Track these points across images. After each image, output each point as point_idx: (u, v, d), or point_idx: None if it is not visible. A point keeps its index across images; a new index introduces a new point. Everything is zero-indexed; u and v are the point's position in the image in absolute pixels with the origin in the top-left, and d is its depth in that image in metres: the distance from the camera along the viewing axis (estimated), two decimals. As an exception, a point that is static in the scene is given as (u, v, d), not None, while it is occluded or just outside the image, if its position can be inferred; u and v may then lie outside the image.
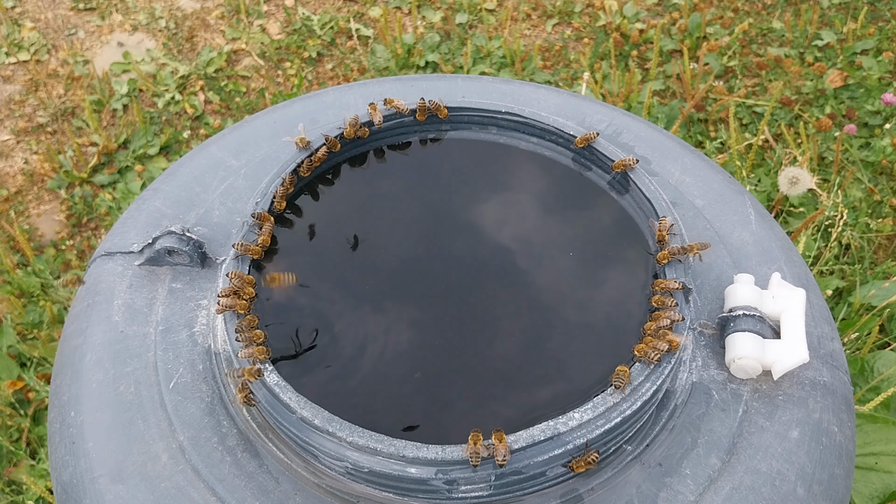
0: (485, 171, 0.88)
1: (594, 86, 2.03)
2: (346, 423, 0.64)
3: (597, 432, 0.65)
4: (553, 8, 2.37)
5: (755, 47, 2.21)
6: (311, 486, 0.69)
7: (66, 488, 0.73)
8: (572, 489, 0.68)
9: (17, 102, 2.17)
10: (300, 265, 0.80)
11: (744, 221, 0.88)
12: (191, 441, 0.71)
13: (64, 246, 1.85)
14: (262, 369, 0.67)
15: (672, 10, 2.33)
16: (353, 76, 2.21)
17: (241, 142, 0.96)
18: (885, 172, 1.86)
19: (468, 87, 1.01)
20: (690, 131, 1.98)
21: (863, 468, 1.13)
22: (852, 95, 2.02)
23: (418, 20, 2.34)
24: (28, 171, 2.01)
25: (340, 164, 0.88)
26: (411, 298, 0.78)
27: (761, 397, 0.74)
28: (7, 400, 1.52)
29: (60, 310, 1.69)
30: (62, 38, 2.33)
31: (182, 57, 2.28)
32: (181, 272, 0.82)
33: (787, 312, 0.75)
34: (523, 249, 0.82)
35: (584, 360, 0.74)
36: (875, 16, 2.24)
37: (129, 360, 0.77)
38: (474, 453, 0.62)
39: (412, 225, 0.85)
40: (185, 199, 0.89)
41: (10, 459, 1.48)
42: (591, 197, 0.86)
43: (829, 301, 1.59)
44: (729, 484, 0.69)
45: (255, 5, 2.41)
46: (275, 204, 0.81)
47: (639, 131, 0.97)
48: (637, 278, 0.79)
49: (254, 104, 2.15)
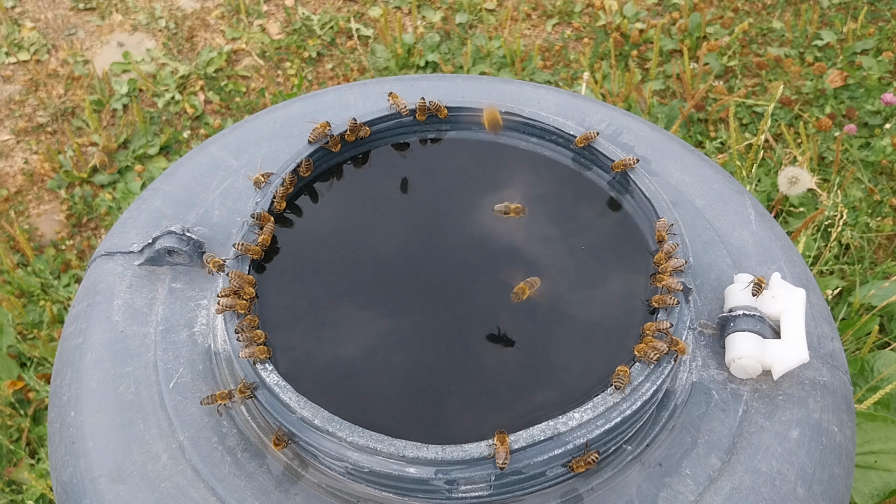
0: (485, 171, 0.88)
1: (594, 86, 2.03)
2: (346, 423, 0.64)
3: (597, 432, 0.65)
4: (553, 8, 2.37)
5: (755, 47, 2.21)
6: (311, 486, 0.69)
7: (66, 488, 0.73)
8: (572, 489, 0.68)
9: (17, 102, 2.17)
10: (301, 265, 0.80)
11: (744, 221, 0.88)
12: (191, 441, 0.71)
13: (64, 246, 1.85)
14: (255, 385, 0.67)
15: (672, 10, 2.33)
16: (353, 76, 2.21)
17: (241, 142, 0.96)
18: (885, 172, 1.86)
19: (468, 87, 1.01)
20: (690, 131, 1.98)
21: (862, 466, 1.13)
22: (852, 95, 2.02)
23: (418, 20, 2.34)
24: (28, 171, 2.01)
25: (341, 163, 0.88)
26: (410, 298, 0.78)
27: (761, 397, 0.74)
28: (7, 400, 1.53)
29: (60, 310, 1.69)
30: (62, 38, 2.33)
31: (182, 57, 2.28)
32: (181, 272, 0.82)
33: (787, 312, 0.75)
34: (524, 249, 0.82)
35: (585, 360, 0.74)
36: (875, 16, 2.24)
37: (129, 360, 0.77)
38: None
39: (412, 225, 0.85)
40: (185, 199, 0.89)
41: (10, 459, 1.48)
42: (590, 197, 0.85)
43: (829, 301, 1.59)
44: (729, 484, 0.69)
45: (255, 5, 2.41)
46: (275, 204, 0.81)
47: (639, 131, 0.97)
48: (637, 278, 0.78)
49: (254, 104, 2.15)
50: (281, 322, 0.74)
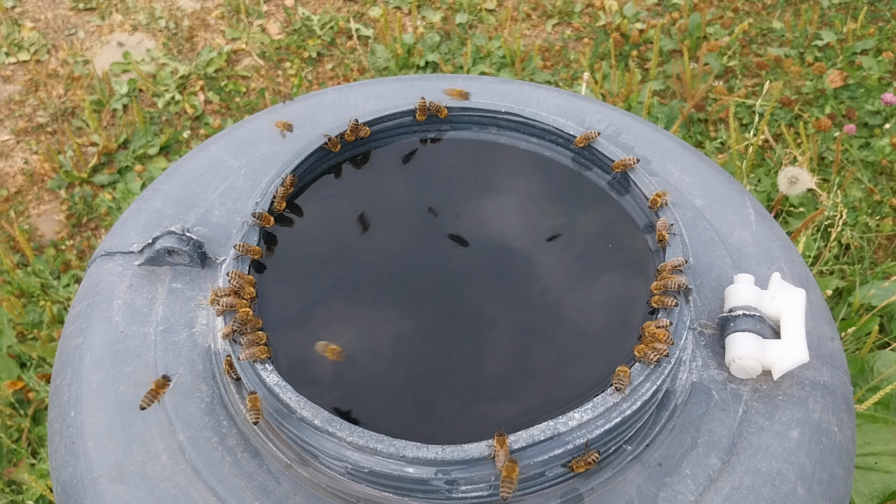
0: (485, 171, 0.88)
1: (594, 86, 2.03)
2: (345, 423, 0.64)
3: (597, 432, 0.65)
4: (553, 8, 2.37)
5: (755, 47, 2.21)
6: (311, 486, 0.69)
7: (66, 488, 0.73)
8: (572, 489, 0.68)
9: (17, 102, 2.17)
10: (301, 264, 0.80)
11: (744, 221, 0.88)
12: (191, 441, 0.71)
13: (64, 246, 1.85)
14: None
15: (672, 10, 2.33)
16: (353, 76, 2.21)
17: (241, 142, 0.96)
18: (885, 172, 1.86)
19: (468, 87, 1.01)
20: (690, 131, 1.98)
21: (863, 468, 1.13)
22: (852, 95, 2.02)
23: (418, 20, 2.34)
24: (28, 171, 2.01)
25: (341, 163, 0.88)
26: (410, 298, 0.78)
27: (761, 397, 0.74)
28: (7, 400, 1.52)
29: (60, 310, 1.69)
30: (62, 38, 2.33)
31: (182, 57, 2.28)
32: (181, 272, 0.82)
33: (787, 312, 0.75)
34: (524, 249, 0.82)
35: (585, 360, 0.74)
36: (875, 16, 2.24)
37: (129, 360, 0.77)
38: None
39: (412, 225, 0.85)
40: (185, 199, 0.89)
41: (10, 459, 1.48)
42: (590, 197, 0.85)
43: (829, 301, 1.59)
44: (729, 484, 0.69)
45: (255, 5, 2.41)
46: (275, 204, 0.81)
47: (639, 131, 0.97)
48: (637, 278, 0.78)
49: (254, 104, 2.14)
50: (281, 322, 0.74)
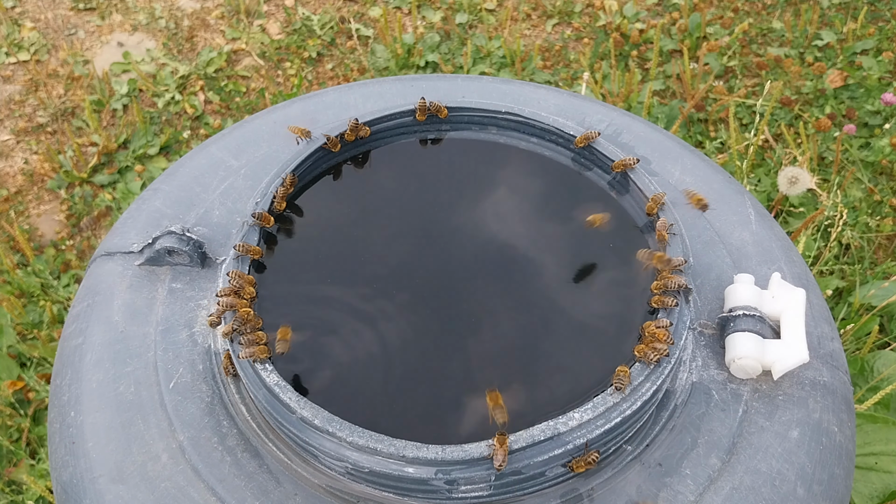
0: (485, 171, 0.88)
1: (594, 86, 2.03)
2: (346, 423, 0.64)
3: (597, 432, 0.65)
4: (553, 8, 2.37)
5: (755, 47, 2.21)
6: (311, 486, 0.69)
7: (66, 488, 0.73)
8: (572, 489, 0.68)
9: (17, 102, 2.17)
10: (302, 264, 0.80)
11: (744, 221, 0.88)
12: (191, 441, 0.71)
13: (64, 246, 1.85)
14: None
15: (672, 10, 2.33)
16: (353, 76, 2.21)
17: (241, 142, 0.96)
18: (885, 172, 1.86)
19: (468, 87, 1.01)
20: (690, 131, 1.97)
21: (863, 468, 1.13)
22: (852, 95, 2.02)
23: (418, 20, 2.34)
24: (28, 171, 2.01)
25: (341, 163, 0.88)
26: (411, 298, 0.78)
27: (761, 397, 0.74)
28: (7, 400, 1.52)
29: (60, 310, 1.69)
30: (62, 38, 2.33)
31: (182, 57, 2.28)
32: (181, 272, 0.82)
33: (787, 312, 0.75)
34: (524, 249, 0.82)
35: (585, 360, 0.74)
36: (875, 16, 2.24)
37: (129, 360, 0.77)
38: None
39: (412, 225, 0.85)
40: (185, 199, 0.89)
41: (10, 459, 1.48)
42: (590, 197, 0.85)
43: (829, 301, 1.59)
44: (729, 484, 0.69)
45: (255, 5, 2.41)
46: (275, 204, 0.81)
47: (639, 131, 0.97)
48: (636, 278, 0.78)
49: (254, 104, 2.14)
50: (280, 322, 0.74)
